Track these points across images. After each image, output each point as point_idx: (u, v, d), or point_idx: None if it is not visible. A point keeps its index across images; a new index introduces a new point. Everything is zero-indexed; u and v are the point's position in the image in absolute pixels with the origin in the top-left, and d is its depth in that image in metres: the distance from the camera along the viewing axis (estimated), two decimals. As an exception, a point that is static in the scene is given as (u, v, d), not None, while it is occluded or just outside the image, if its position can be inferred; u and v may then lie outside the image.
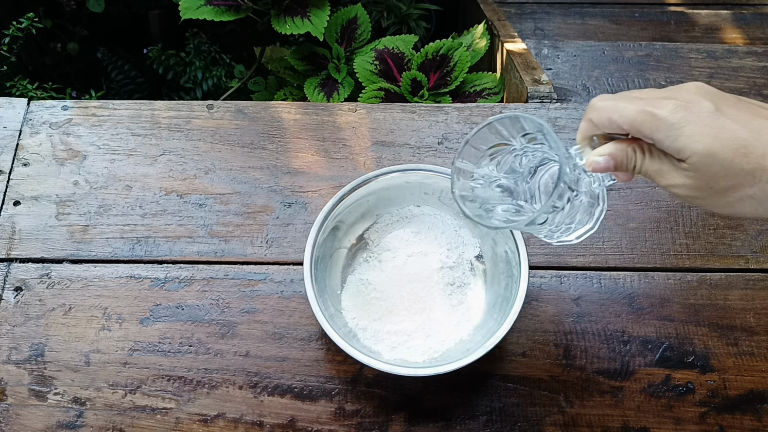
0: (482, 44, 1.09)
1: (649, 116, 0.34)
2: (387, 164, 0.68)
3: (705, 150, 0.32)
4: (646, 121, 0.34)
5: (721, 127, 0.32)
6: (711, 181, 0.33)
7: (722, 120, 0.33)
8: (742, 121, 0.33)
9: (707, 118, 0.33)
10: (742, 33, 1.38)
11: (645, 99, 0.35)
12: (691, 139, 0.33)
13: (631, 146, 0.37)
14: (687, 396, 0.56)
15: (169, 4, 1.36)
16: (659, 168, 0.36)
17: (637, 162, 0.37)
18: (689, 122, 0.33)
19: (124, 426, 0.55)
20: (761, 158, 0.32)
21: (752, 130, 0.32)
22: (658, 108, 0.34)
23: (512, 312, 0.51)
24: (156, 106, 0.72)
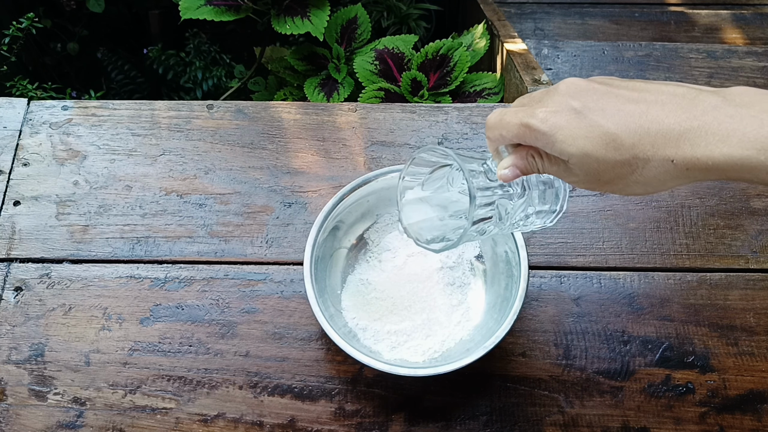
0: (482, 44, 1.09)
1: (527, 129, 0.36)
2: (387, 164, 0.68)
3: (579, 152, 0.34)
4: (526, 134, 0.36)
5: (589, 126, 0.34)
6: (596, 175, 0.35)
7: (589, 119, 0.34)
8: (609, 114, 0.33)
9: (575, 120, 0.34)
10: (742, 33, 1.38)
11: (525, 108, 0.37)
12: (565, 144, 0.34)
13: (529, 153, 0.39)
14: (687, 396, 0.56)
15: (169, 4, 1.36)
16: (557, 169, 0.38)
17: (538, 166, 0.39)
18: (560, 128, 0.34)
19: (124, 426, 0.55)
20: (631, 148, 0.33)
21: (618, 122, 0.33)
22: (531, 118, 0.36)
23: (512, 312, 0.51)
24: (156, 106, 0.72)
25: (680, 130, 0.32)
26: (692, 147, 0.31)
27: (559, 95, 0.36)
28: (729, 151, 0.30)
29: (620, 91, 0.34)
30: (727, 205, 0.65)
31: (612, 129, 0.33)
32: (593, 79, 0.36)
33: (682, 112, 0.32)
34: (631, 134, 0.33)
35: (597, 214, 0.65)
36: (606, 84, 0.35)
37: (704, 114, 0.31)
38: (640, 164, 0.33)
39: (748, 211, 0.65)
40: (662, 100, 0.33)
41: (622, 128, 0.33)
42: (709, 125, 0.31)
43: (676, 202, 0.66)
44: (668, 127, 0.32)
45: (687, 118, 0.31)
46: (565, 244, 0.63)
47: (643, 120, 0.33)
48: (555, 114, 0.35)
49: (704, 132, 0.31)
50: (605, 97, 0.34)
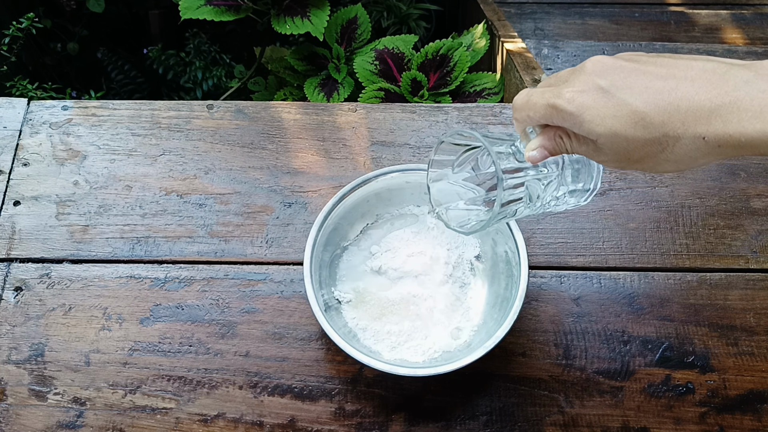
0: (482, 44, 1.09)
1: (553, 109, 0.36)
2: (387, 164, 0.68)
3: (608, 131, 0.34)
4: (553, 115, 0.36)
5: (617, 105, 0.33)
6: (625, 154, 0.35)
7: (617, 97, 0.33)
8: (637, 93, 0.33)
9: (602, 99, 0.33)
10: (742, 33, 1.38)
11: (552, 88, 0.37)
12: (593, 124, 0.34)
13: (557, 134, 0.38)
14: (687, 396, 0.56)
15: (169, 4, 1.36)
16: (585, 149, 0.37)
17: (566, 146, 0.38)
18: (587, 108, 0.34)
19: (124, 426, 0.55)
20: (661, 126, 0.32)
21: (647, 100, 0.32)
22: (558, 98, 0.35)
23: (512, 312, 0.51)
24: (156, 106, 0.72)
25: (711, 107, 0.31)
26: (724, 123, 0.30)
27: (585, 74, 0.35)
28: (762, 127, 0.29)
29: (648, 68, 0.34)
30: (727, 205, 0.65)
31: (641, 107, 0.32)
32: (620, 56, 0.36)
33: (713, 87, 0.31)
34: (661, 112, 0.32)
35: (597, 214, 0.65)
36: (633, 61, 0.35)
37: (736, 89, 0.30)
38: (670, 142, 0.33)
39: (748, 211, 0.65)
40: (692, 75, 0.32)
41: (651, 106, 0.32)
42: (742, 101, 0.30)
43: (676, 202, 0.66)
44: (699, 103, 0.31)
45: (718, 94, 0.31)
46: (565, 244, 0.63)
47: (673, 97, 0.32)
48: (582, 93, 0.34)
49: (736, 108, 0.30)
50: (633, 75, 0.33)
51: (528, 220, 0.64)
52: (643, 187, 0.66)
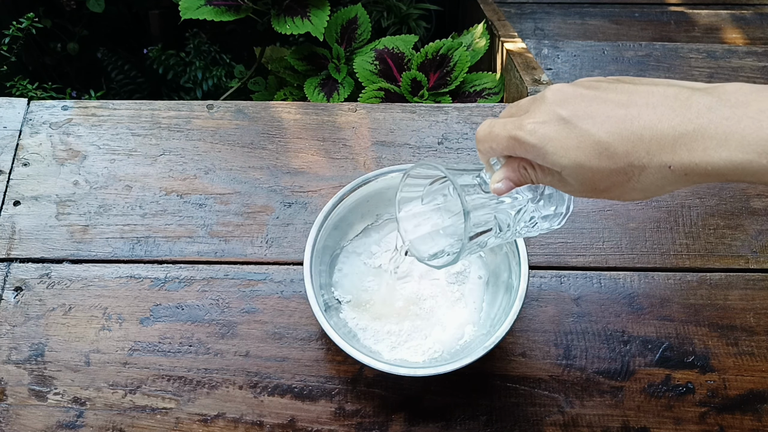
0: (482, 44, 1.09)
1: (515, 141, 0.35)
2: (387, 164, 0.68)
3: (572, 163, 0.33)
4: (516, 147, 0.35)
5: (579, 136, 0.33)
6: (592, 184, 0.34)
7: (579, 128, 0.33)
8: (600, 122, 0.32)
9: (565, 131, 0.33)
10: (742, 33, 1.38)
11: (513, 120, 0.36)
12: (556, 156, 0.33)
13: (521, 165, 0.38)
14: (687, 396, 0.56)
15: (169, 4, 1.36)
16: (551, 179, 0.36)
17: (531, 177, 0.38)
18: (550, 139, 0.33)
19: (124, 426, 0.55)
20: (625, 156, 0.32)
21: (609, 130, 0.32)
22: (519, 130, 0.34)
23: (512, 312, 0.51)
24: (156, 106, 0.72)
25: (675, 135, 0.30)
26: (689, 152, 0.30)
27: (546, 104, 0.34)
28: (728, 156, 0.29)
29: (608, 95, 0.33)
30: (727, 205, 0.65)
31: (603, 137, 0.32)
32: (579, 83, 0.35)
33: (676, 115, 0.30)
34: (624, 141, 0.31)
35: (597, 214, 0.65)
36: (593, 88, 0.34)
37: (699, 117, 0.30)
38: (636, 172, 0.32)
39: (748, 211, 0.65)
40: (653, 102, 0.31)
41: (614, 136, 0.32)
42: (706, 128, 0.29)
43: (676, 202, 0.66)
44: (662, 132, 0.30)
45: (681, 122, 0.30)
46: (565, 244, 0.63)
47: (635, 126, 0.31)
48: (543, 125, 0.34)
49: (701, 136, 0.29)
50: (593, 103, 0.33)
51: (528, 220, 0.64)
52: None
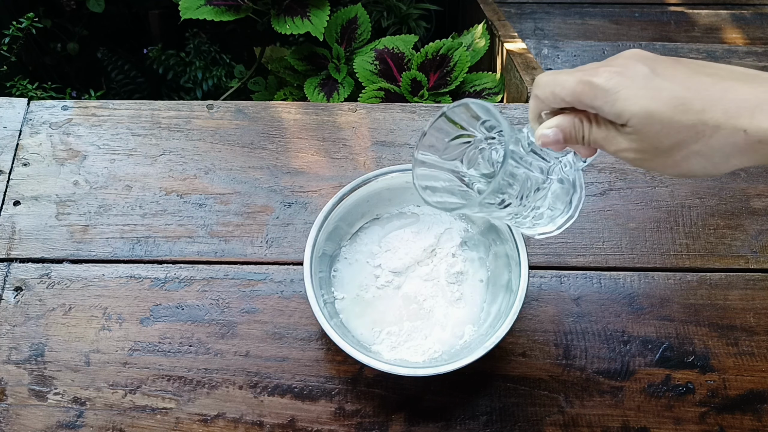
0: (482, 44, 1.09)
1: (587, 85, 0.34)
2: (387, 164, 0.68)
3: (643, 111, 0.32)
4: (585, 91, 0.34)
5: (656, 88, 0.32)
6: (654, 141, 0.33)
7: (658, 81, 0.32)
8: (679, 80, 0.32)
9: (642, 80, 0.33)
10: (742, 33, 1.38)
11: (584, 70, 0.35)
12: (628, 102, 0.33)
13: (577, 117, 0.37)
14: (687, 396, 0.56)
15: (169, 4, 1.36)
16: (605, 135, 0.36)
17: (584, 132, 0.37)
18: (625, 86, 0.33)
19: (124, 426, 0.55)
20: (700, 113, 0.31)
21: (689, 87, 0.32)
22: (594, 76, 0.34)
23: (512, 312, 0.51)
24: (156, 106, 0.72)
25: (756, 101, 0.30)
26: None
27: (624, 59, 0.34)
28: None
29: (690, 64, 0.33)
30: (727, 205, 0.65)
31: (681, 92, 0.32)
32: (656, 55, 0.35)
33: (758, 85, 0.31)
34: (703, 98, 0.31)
35: (597, 214, 0.65)
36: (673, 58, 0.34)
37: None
38: (708, 132, 0.31)
39: (748, 211, 0.65)
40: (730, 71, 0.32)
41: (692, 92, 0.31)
42: None
43: (676, 202, 0.66)
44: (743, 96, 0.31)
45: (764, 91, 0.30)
46: (565, 244, 0.63)
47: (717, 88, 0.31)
48: (620, 73, 0.33)
49: None
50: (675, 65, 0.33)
51: (528, 220, 0.64)
52: (643, 187, 0.66)
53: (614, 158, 0.69)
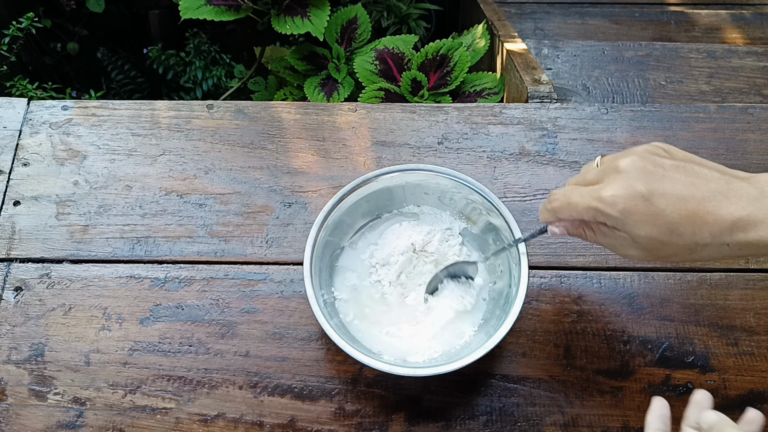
0: (482, 44, 1.09)
1: (595, 212, 0.41)
2: (387, 164, 0.68)
3: (647, 235, 0.40)
4: (595, 215, 0.41)
5: (655, 214, 0.39)
6: (656, 252, 0.41)
7: (655, 206, 0.39)
8: (672, 202, 0.39)
9: (643, 206, 0.39)
10: (742, 33, 1.38)
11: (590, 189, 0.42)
12: (633, 227, 0.40)
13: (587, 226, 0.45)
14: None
15: (169, 4, 1.36)
16: (612, 243, 0.43)
17: (587, 236, 0.45)
18: (630, 213, 0.40)
19: (124, 426, 0.55)
20: (692, 236, 0.39)
21: (680, 213, 0.39)
22: (601, 202, 0.40)
23: (512, 312, 0.51)
24: (156, 106, 0.72)
25: (733, 220, 0.38)
26: (744, 233, 0.38)
27: (621, 176, 0.40)
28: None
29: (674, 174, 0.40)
30: (727, 205, 0.65)
31: (675, 218, 0.39)
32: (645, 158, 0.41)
33: (731, 203, 0.39)
34: (692, 224, 0.39)
35: (597, 214, 0.65)
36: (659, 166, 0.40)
37: (750, 204, 0.38)
38: (699, 248, 0.40)
39: (748, 211, 0.65)
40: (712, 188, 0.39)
41: (683, 218, 0.39)
42: (756, 215, 0.38)
43: (676, 202, 0.66)
44: (722, 218, 0.38)
45: (737, 209, 0.38)
46: (565, 244, 0.63)
47: (701, 211, 0.39)
48: (623, 199, 0.40)
49: (753, 220, 0.38)
50: (664, 182, 0.40)
51: (528, 220, 0.64)
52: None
53: (614, 158, 0.69)
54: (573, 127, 0.71)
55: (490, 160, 0.68)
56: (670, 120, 0.72)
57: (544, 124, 0.71)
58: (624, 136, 0.70)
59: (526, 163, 0.68)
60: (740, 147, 0.70)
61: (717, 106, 0.73)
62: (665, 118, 0.72)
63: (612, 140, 0.70)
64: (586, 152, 0.69)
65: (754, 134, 0.71)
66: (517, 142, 0.70)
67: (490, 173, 0.68)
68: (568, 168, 0.68)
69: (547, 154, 0.69)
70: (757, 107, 0.73)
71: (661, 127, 0.71)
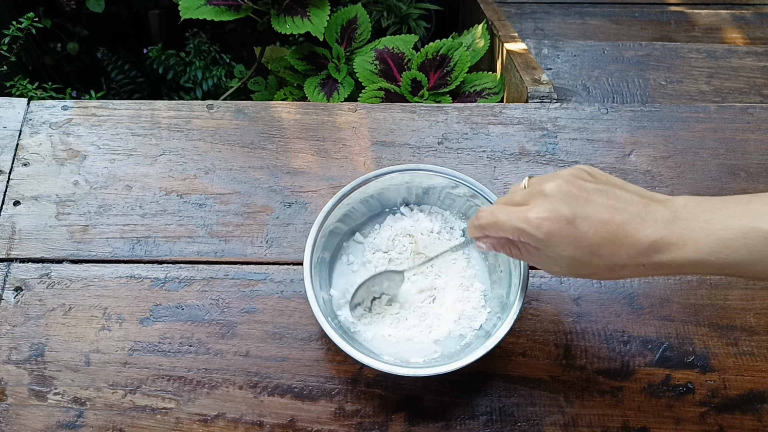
0: (482, 44, 1.09)
1: (521, 233, 0.43)
2: (387, 164, 0.68)
3: (569, 255, 0.42)
4: (520, 235, 0.43)
5: (577, 237, 0.41)
6: (578, 270, 0.43)
7: (578, 229, 0.41)
8: (593, 225, 0.40)
9: (566, 230, 0.41)
10: (742, 33, 1.38)
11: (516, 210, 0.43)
12: (557, 249, 0.42)
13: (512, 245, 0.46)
14: (687, 396, 0.56)
15: (169, 4, 1.36)
16: (536, 261, 0.45)
17: (512, 254, 0.47)
18: (552, 235, 0.41)
19: (124, 426, 0.55)
20: (611, 257, 0.41)
21: (601, 235, 0.40)
22: (527, 224, 0.42)
23: (512, 312, 0.51)
24: (156, 106, 0.72)
25: (648, 242, 0.40)
26: (658, 254, 0.40)
27: (547, 200, 0.42)
28: (687, 255, 0.39)
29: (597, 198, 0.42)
30: (727, 205, 0.65)
31: (596, 241, 0.40)
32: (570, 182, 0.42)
33: (647, 226, 0.40)
34: (611, 246, 0.40)
35: (597, 214, 0.65)
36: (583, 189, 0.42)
37: (664, 228, 0.40)
38: (617, 267, 0.41)
39: (748, 211, 0.65)
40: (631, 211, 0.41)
41: (604, 240, 0.40)
42: (669, 237, 0.40)
43: (676, 202, 0.65)
44: (639, 240, 0.40)
45: (651, 232, 0.40)
46: (565, 244, 0.63)
47: (619, 234, 0.40)
48: (547, 221, 0.41)
49: (667, 242, 0.40)
50: (587, 206, 0.41)
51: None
52: (643, 187, 0.66)
53: (614, 159, 0.69)
54: (573, 127, 0.71)
55: (490, 160, 0.68)
56: (670, 120, 0.72)
57: (544, 124, 0.71)
58: (624, 136, 0.70)
59: (526, 163, 0.68)
60: (740, 147, 0.70)
61: (717, 106, 0.73)
62: (665, 118, 0.72)
63: (612, 140, 0.70)
64: (586, 152, 0.69)
65: (754, 134, 0.71)
66: (517, 142, 0.70)
67: (490, 173, 0.68)
68: (568, 168, 0.68)
69: (547, 154, 0.69)
70: (757, 107, 0.73)
71: (661, 127, 0.71)
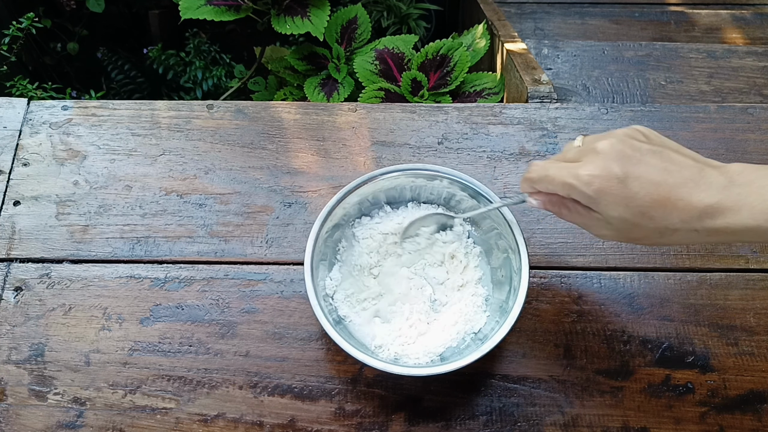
0: (482, 44, 1.09)
1: (571, 189, 0.42)
2: (387, 164, 0.68)
3: (619, 216, 0.41)
4: (570, 191, 0.42)
5: (628, 197, 0.40)
6: (628, 233, 0.42)
7: (629, 189, 0.40)
8: (645, 186, 0.40)
9: (617, 188, 0.40)
10: (742, 33, 1.38)
11: (568, 166, 0.43)
12: (606, 208, 0.41)
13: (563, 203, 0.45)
14: (687, 396, 0.56)
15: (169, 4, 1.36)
16: (586, 222, 0.44)
17: (563, 214, 0.46)
18: (603, 193, 0.40)
19: (124, 426, 0.55)
20: (662, 220, 0.40)
21: (653, 197, 0.40)
22: (576, 180, 0.41)
23: (512, 312, 0.51)
24: (156, 106, 0.72)
25: (702, 207, 0.39)
26: (712, 220, 0.39)
27: (599, 157, 0.41)
28: (741, 221, 0.38)
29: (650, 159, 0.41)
30: (727, 205, 0.65)
31: (647, 202, 0.40)
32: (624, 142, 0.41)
33: (701, 191, 0.39)
34: (663, 209, 0.40)
35: (597, 214, 0.65)
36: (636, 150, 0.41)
37: (719, 192, 0.39)
38: (669, 232, 0.41)
39: (748, 211, 0.65)
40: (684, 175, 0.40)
41: (655, 203, 0.40)
42: (724, 202, 0.39)
43: (676, 202, 0.65)
44: (692, 204, 0.39)
45: (706, 197, 0.39)
46: (565, 244, 0.63)
47: (672, 196, 0.40)
48: (598, 178, 0.40)
49: (722, 207, 0.39)
50: (640, 166, 0.40)
51: (528, 220, 0.64)
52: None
53: (614, 158, 0.69)
54: (573, 127, 0.71)
55: (490, 160, 0.68)
56: (670, 120, 0.72)
57: (544, 124, 0.71)
58: (624, 136, 0.70)
59: (527, 163, 0.68)
60: (740, 147, 0.70)
61: (717, 106, 0.73)
62: (665, 118, 0.72)
63: (612, 140, 0.70)
64: (586, 152, 0.69)
65: (754, 134, 0.71)
66: (517, 142, 0.70)
67: (490, 173, 0.68)
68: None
69: (547, 154, 0.69)
70: (757, 107, 0.73)
71: (661, 127, 0.71)
